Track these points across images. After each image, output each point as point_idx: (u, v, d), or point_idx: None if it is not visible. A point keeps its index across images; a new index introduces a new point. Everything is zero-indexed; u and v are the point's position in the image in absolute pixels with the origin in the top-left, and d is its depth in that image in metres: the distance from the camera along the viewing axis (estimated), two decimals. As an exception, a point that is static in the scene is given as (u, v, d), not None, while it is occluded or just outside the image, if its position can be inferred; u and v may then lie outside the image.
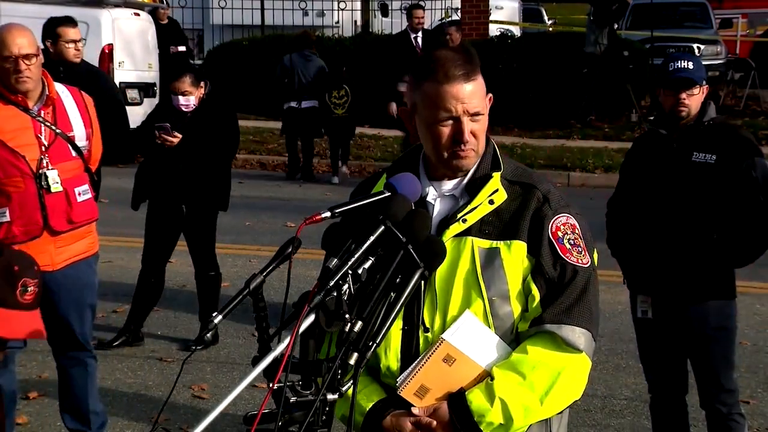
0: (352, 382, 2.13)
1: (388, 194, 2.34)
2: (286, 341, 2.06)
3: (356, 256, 2.17)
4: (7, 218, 4.48)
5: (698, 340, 4.42)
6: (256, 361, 2.09)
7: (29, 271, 2.92)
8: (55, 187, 4.51)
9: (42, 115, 4.54)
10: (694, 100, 4.31)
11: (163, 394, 5.89)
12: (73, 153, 4.63)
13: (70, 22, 6.90)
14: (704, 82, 4.36)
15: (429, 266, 2.30)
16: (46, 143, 4.51)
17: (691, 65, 4.31)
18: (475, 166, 2.53)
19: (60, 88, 4.70)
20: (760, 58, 19.01)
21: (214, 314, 2.23)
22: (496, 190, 2.49)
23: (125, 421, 5.53)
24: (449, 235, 2.45)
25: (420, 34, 12.62)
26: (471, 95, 2.42)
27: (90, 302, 4.85)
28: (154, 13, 16.62)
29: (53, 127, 4.55)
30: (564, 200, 2.54)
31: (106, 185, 4.94)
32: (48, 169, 4.49)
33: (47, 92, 4.56)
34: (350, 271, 2.15)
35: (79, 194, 4.64)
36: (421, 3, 12.76)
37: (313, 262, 6.98)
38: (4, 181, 4.45)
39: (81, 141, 4.68)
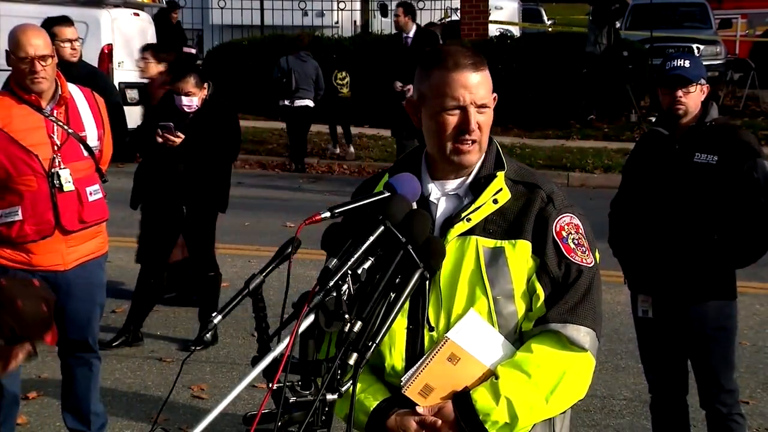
0: (351, 382, 2.13)
1: (387, 194, 2.34)
2: (286, 341, 2.06)
3: (356, 256, 2.16)
4: (20, 217, 4.48)
5: (698, 340, 4.42)
6: (255, 361, 2.09)
7: (44, 289, 3.05)
8: (68, 186, 4.52)
9: (55, 114, 4.55)
10: (690, 98, 4.31)
11: (162, 394, 5.89)
12: (85, 153, 4.64)
13: (66, 21, 6.90)
14: (703, 81, 4.36)
15: (428, 266, 2.30)
16: (58, 143, 4.52)
17: (687, 63, 4.32)
18: (478, 166, 2.53)
19: (73, 89, 4.71)
20: (760, 59, 19.02)
21: (213, 314, 2.22)
22: (500, 190, 2.49)
23: (125, 421, 5.53)
24: (453, 234, 2.45)
25: (411, 33, 12.34)
26: (478, 86, 2.43)
27: (100, 302, 4.87)
28: (165, 13, 16.60)
29: (66, 127, 4.56)
30: (568, 200, 2.55)
31: (105, 185, 4.94)
32: (60, 168, 4.50)
33: (60, 92, 4.58)
34: (350, 272, 2.15)
35: (91, 194, 4.65)
36: (411, 2, 12.63)
37: (312, 262, 6.97)
38: (17, 179, 4.45)
39: (93, 141, 4.69)
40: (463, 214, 2.46)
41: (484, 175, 2.52)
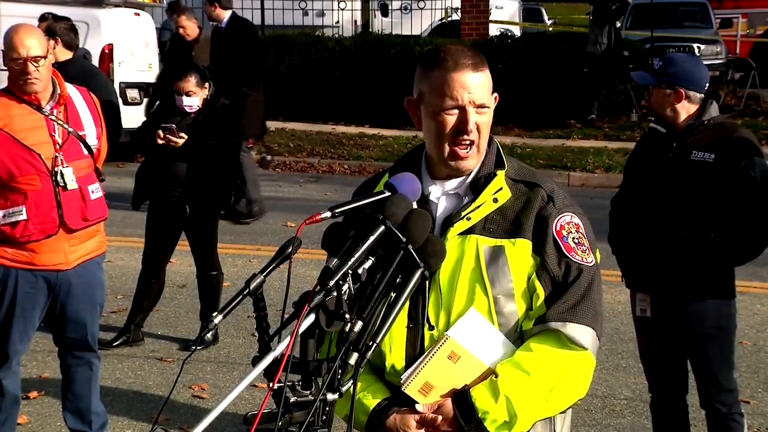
0: (352, 382, 2.13)
1: (388, 194, 2.33)
2: (286, 341, 2.06)
3: (356, 256, 2.16)
4: (24, 216, 4.48)
5: (697, 339, 4.42)
6: (256, 361, 2.09)
7: None
8: (71, 184, 4.52)
9: (54, 113, 4.55)
10: (654, 99, 4.41)
11: (163, 394, 5.89)
12: (85, 152, 4.65)
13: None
14: (677, 86, 4.31)
15: (429, 266, 2.30)
16: (60, 141, 4.52)
17: (659, 65, 4.37)
18: (479, 164, 2.53)
19: (70, 88, 4.71)
20: (760, 58, 19.00)
21: (214, 314, 2.22)
22: (501, 189, 2.50)
23: (125, 421, 5.53)
24: (453, 233, 2.45)
25: (225, 23, 10.84)
26: (478, 86, 2.43)
27: (99, 302, 4.87)
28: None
29: (66, 126, 4.56)
30: (568, 199, 2.55)
31: (105, 185, 4.94)
32: (63, 167, 4.50)
33: (59, 91, 4.58)
34: (350, 271, 2.15)
35: (92, 192, 4.66)
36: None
37: (313, 262, 6.99)
38: (20, 179, 4.45)
39: (92, 140, 4.70)
40: (463, 213, 2.46)
41: (485, 174, 2.52)
